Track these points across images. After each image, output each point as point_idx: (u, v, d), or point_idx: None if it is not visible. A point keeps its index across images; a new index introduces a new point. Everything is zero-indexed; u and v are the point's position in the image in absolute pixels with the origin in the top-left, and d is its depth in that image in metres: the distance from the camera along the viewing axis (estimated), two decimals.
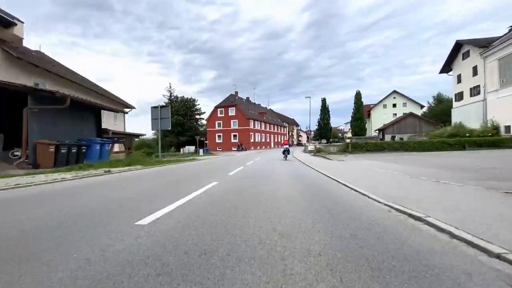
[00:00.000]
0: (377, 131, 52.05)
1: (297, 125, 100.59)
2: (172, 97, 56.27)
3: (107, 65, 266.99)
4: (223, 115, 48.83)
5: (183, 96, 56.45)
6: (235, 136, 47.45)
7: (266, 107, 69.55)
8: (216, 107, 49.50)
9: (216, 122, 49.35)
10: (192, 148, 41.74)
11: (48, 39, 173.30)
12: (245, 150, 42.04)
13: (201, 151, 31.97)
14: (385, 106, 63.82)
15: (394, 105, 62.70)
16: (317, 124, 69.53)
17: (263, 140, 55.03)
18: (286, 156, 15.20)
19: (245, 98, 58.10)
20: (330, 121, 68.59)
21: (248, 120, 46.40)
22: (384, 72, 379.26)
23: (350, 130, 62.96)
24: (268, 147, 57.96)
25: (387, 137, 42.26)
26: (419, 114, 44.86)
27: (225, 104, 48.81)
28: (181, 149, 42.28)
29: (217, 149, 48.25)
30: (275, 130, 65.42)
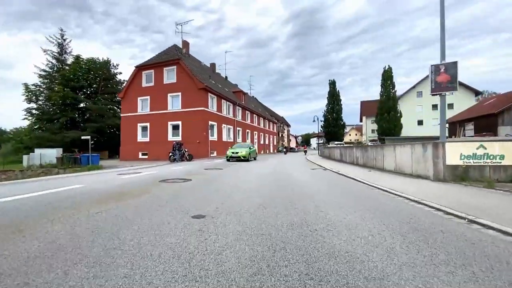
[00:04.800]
0: (451, 124, 28.02)
1: (288, 125, 76.95)
2: (65, 57, 29.80)
3: None
4: (152, 83, 23.12)
5: (93, 58, 30.34)
6: (176, 127, 22.14)
7: (247, 93, 43.87)
8: (139, 68, 23.60)
9: (139, 99, 23.48)
10: (52, 155, 16.27)
11: (20, 37, 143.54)
12: (190, 159, 17.12)
13: None
14: (419, 94, 44.54)
15: None
16: (323, 119, 46.35)
17: (239, 140, 29.64)
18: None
19: (208, 65, 32.61)
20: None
21: (203, 93, 21.47)
22: (364, 82, 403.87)
23: (377, 128, 40.58)
24: None
25: (503, 130, 19.32)
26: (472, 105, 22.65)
27: (156, 61, 23.23)
28: (27, 157, 17.07)
29: (140, 155, 22.61)
30: (261, 126, 40.35)
